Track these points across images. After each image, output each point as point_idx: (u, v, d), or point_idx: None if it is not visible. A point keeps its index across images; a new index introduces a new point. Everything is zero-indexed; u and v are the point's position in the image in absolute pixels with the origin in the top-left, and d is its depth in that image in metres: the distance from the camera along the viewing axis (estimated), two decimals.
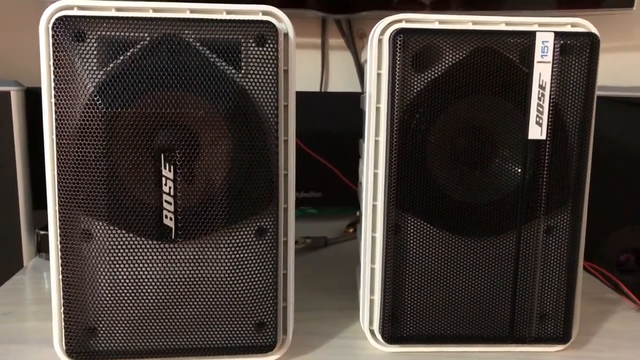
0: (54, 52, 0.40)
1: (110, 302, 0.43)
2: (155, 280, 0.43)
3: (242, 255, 0.43)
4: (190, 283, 0.43)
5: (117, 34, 0.40)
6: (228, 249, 0.43)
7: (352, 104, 0.68)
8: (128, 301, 0.43)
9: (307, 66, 0.97)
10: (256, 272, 0.44)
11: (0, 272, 0.69)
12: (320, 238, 0.76)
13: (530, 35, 0.43)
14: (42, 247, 0.70)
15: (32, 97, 0.73)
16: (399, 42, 0.43)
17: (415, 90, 0.44)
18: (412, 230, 0.45)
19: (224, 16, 0.42)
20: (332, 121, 0.87)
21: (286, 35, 0.43)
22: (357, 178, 0.60)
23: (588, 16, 0.88)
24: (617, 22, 0.98)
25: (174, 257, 0.43)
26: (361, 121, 0.50)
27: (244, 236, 0.43)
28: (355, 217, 0.82)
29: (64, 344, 0.43)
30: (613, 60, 0.99)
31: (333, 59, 0.99)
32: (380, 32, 0.44)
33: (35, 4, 0.87)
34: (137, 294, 0.43)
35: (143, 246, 0.42)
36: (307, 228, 0.79)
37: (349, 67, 0.98)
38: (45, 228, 0.69)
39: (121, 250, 0.42)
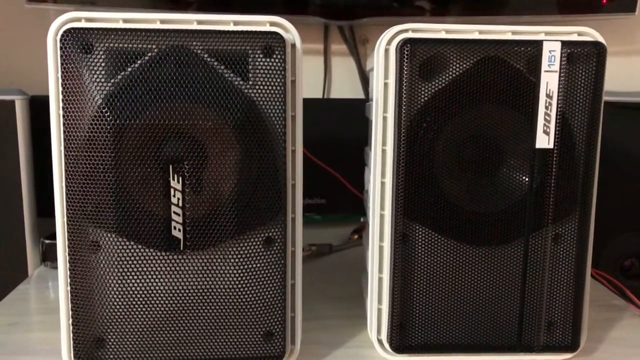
0: (62, 63, 0.40)
1: (118, 313, 0.43)
2: (164, 291, 0.43)
3: (250, 265, 0.43)
4: (198, 294, 0.43)
5: (125, 45, 0.40)
6: (236, 259, 0.43)
7: (354, 110, 0.69)
8: (136, 312, 0.43)
9: (310, 72, 0.97)
10: (264, 282, 0.44)
11: (5, 281, 0.68)
12: (325, 245, 0.76)
13: (537, 45, 0.43)
14: (47, 256, 0.70)
15: (37, 106, 0.73)
16: (406, 52, 0.43)
17: (422, 100, 0.44)
18: (420, 240, 0.45)
19: (232, 27, 0.42)
20: (334, 127, 0.87)
21: (293, 45, 0.43)
22: (361, 184, 0.60)
23: (590, 21, 0.89)
24: (620, 26, 0.98)
25: (182, 268, 0.43)
26: (367, 130, 0.50)
27: (252, 246, 0.43)
28: (359, 224, 0.82)
29: (72, 355, 0.43)
30: (615, 65, 1.00)
31: (335, 65, 0.99)
32: (387, 41, 0.44)
33: (38, 13, 0.87)
34: (146, 305, 0.43)
35: (151, 257, 0.42)
36: (312, 235, 0.79)
37: (351, 73, 0.98)
38: (51, 237, 0.70)
39: (129, 262, 0.42)
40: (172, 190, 0.41)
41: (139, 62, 0.40)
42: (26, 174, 0.71)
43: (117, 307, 0.43)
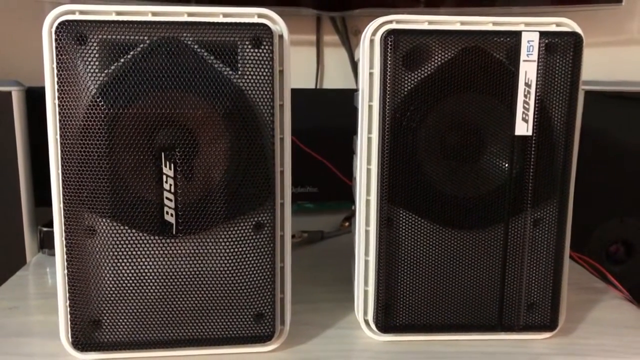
0: (56, 55, 0.41)
1: (114, 295, 0.44)
2: (157, 274, 0.45)
3: (240, 249, 0.45)
4: (191, 276, 0.45)
5: (118, 37, 0.42)
6: (227, 243, 0.45)
7: (347, 100, 0.70)
8: (131, 294, 0.45)
9: (303, 63, 0.99)
10: (254, 265, 0.45)
11: (3, 269, 0.70)
12: (316, 232, 0.78)
13: (516, 35, 0.45)
14: (44, 244, 0.71)
15: (33, 97, 0.74)
16: (389, 43, 0.44)
17: (406, 89, 0.45)
18: (404, 224, 0.47)
19: (221, 19, 0.43)
20: (328, 117, 0.88)
21: (281, 36, 0.44)
22: (352, 173, 0.61)
23: (578, 12, 0.90)
24: (607, 17, 0.99)
25: (175, 251, 0.44)
26: (355, 118, 0.52)
27: (242, 231, 0.45)
28: (350, 212, 0.84)
29: (70, 336, 0.45)
30: (603, 55, 1.01)
31: (328, 56, 1.00)
32: (372, 32, 0.46)
33: (34, 4, 0.88)
34: (140, 288, 0.45)
35: (145, 241, 0.44)
36: (304, 222, 0.81)
37: (343, 63, 0.99)
38: (48, 225, 0.71)
39: (124, 246, 0.44)
40: (164, 176, 0.43)
41: (131, 53, 0.42)
42: (23, 164, 0.73)
43: (113, 289, 0.44)
